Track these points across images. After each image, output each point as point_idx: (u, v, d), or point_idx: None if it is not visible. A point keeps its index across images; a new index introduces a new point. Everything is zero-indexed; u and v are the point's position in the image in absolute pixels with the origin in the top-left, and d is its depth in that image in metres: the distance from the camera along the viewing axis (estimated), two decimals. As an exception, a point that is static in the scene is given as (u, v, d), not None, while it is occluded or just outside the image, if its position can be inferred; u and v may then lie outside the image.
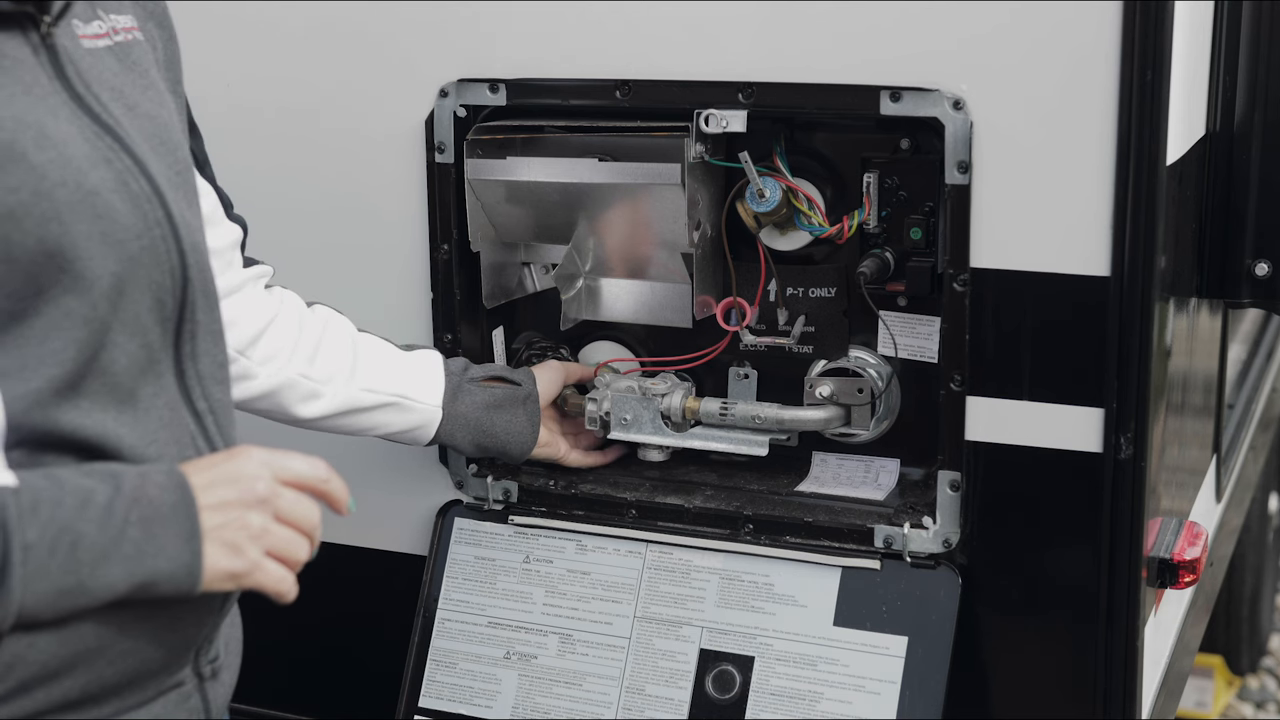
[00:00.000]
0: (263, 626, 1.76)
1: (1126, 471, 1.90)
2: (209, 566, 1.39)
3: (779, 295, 2.17)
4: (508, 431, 2.09)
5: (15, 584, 1.28)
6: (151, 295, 1.43)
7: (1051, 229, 1.87)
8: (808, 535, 2.08)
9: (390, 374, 2.02)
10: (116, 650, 1.42)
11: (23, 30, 1.40)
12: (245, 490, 1.41)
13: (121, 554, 1.34)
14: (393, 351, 2.05)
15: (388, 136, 2.17)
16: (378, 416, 2.01)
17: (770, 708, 2.04)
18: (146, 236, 1.42)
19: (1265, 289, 2.27)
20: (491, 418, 2.08)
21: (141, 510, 1.35)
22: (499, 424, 2.08)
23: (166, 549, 1.36)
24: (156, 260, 1.43)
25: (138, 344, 1.43)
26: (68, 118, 1.40)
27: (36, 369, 1.34)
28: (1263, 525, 4.33)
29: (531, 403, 2.11)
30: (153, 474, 1.38)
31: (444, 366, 2.07)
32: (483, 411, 2.07)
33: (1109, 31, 1.80)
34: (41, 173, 1.34)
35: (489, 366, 2.15)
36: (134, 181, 1.42)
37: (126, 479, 1.36)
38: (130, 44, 1.54)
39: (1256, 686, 4.54)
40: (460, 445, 2.09)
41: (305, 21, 2.18)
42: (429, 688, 2.21)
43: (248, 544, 1.41)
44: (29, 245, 1.32)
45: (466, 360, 2.12)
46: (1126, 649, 1.95)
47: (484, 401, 2.07)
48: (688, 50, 2.00)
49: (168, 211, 1.45)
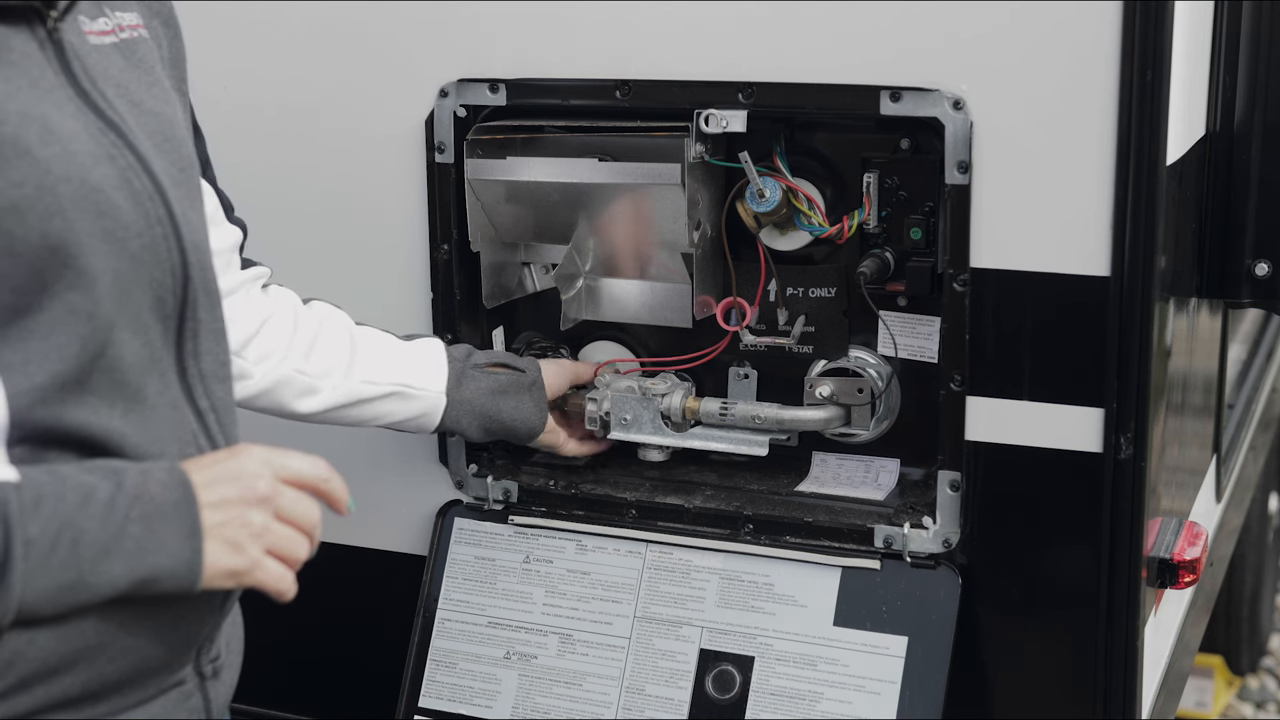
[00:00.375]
0: (263, 626, 1.76)
1: (1126, 471, 1.90)
2: (209, 564, 1.39)
3: (779, 295, 2.17)
4: (514, 416, 2.10)
5: (16, 579, 1.28)
6: (152, 293, 1.43)
7: (1051, 229, 1.87)
8: (808, 535, 2.08)
9: (391, 364, 2.02)
10: (117, 647, 1.42)
11: (29, 25, 1.40)
12: (246, 488, 1.41)
13: (123, 550, 1.34)
14: (393, 342, 2.05)
15: (388, 136, 2.17)
16: (381, 406, 2.01)
17: (770, 708, 2.04)
18: (148, 234, 1.42)
19: (1265, 289, 2.27)
20: (498, 403, 2.08)
21: (143, 507, 1.35)
22: (505, 409, 2.08)
23: (167, 546, 1.36)
24: (157, 258, 1.43)
25: (141, 341, 1.43)
26: (73, 113, 1.40)
27: (41, 364, 1.34)
28: (1263, 525, 4.33)
29: (538, 389, 2.12)
30: (154, 471, 1.38)
31: (447, 353, 2.07)
32: (488, 397, 2.07)
33: (1109, 31, 1.80)
34: (46, 167, 1.34)
35: (493, 353, 2.15)
36: (136, 179, 1.42)
37: (128, 475, 1.36)
38: (136, 41, 1.54)
39: (1256, 686, 4.54)
40: (467, 431, 2.09)
41: (305, 21, 2.18)
42: (429, 688, 2.21)
43: (248, 542, 1.41)
44: (32, 240, 1.32)
45: (470, 347, 2.12)
46: (1126, 649, 1.95)
47: (489, 387, 2.07)
48: (688, 50, 2.00)
49: (169, 210, 1.45)
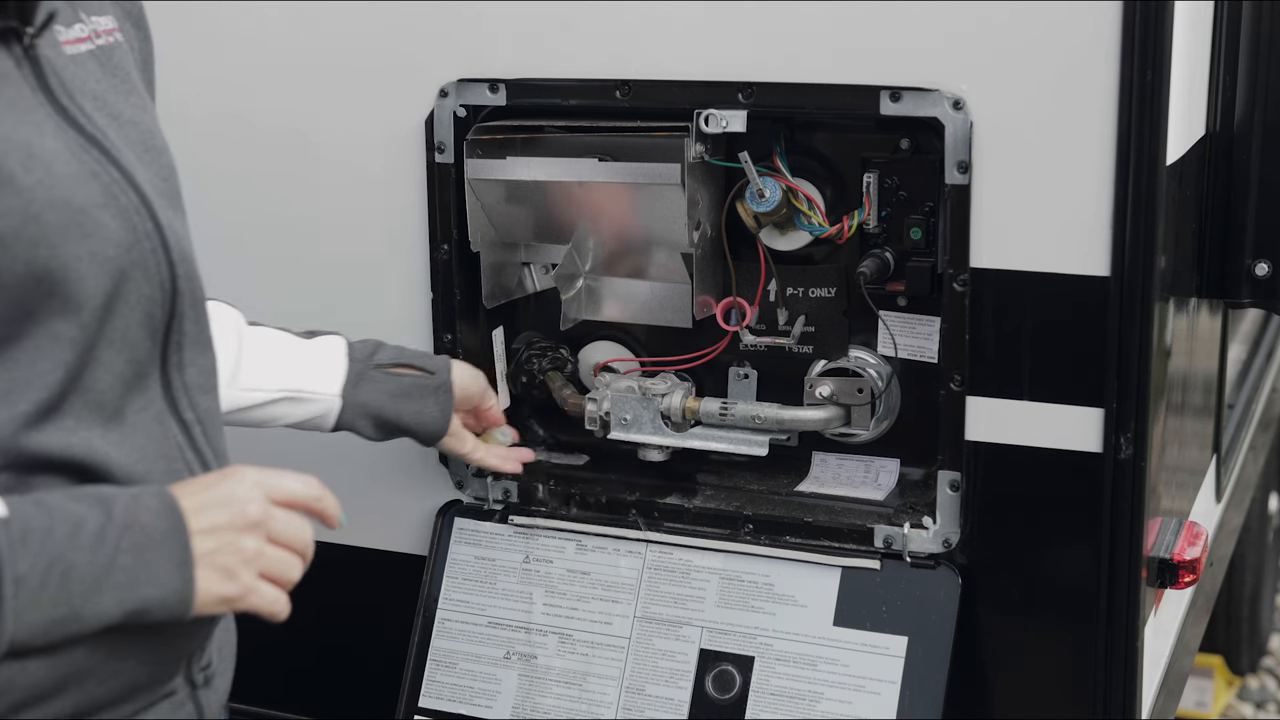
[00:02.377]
0: (263, 626, 1.76)
1: (1126, 471, 1.89)
2: (201, 592, 1.37)
3: (779, 295, 2.17)
4: (416, 420, 2.02)
5: (7, 617, 1.26)
6: (142, 309, 1.41)
7: (1051, 229, 1.87)
8: (808, 535, 2.08)
9: (281, 368, 1.95)
10: (108, 670, 1.41)
11: (5, 43, 1.37)
12: (238, 514, 1.39)
13: (113, 582, 1.32)
14: (288, 342, 1.97)
15: (388, 137, 2.17)
16: (271, 411, 1.95)
17: (770, 708, 2.04)
18: (136, 250, 1.40)
19: (1265, 289, 2.27)
20: (397, 406, 2.00)
21: (133, 537, 1.33)
22: (405, 412, 2.01)
23: (158, 576, 1.34)
24: (146, 274, 1.41)
25: (125, 359, 1.40)
26: (53, 132, 1.37)
27: (24, 392, 1.32)
28: (1263, 525, 4.33)
29: (444, 392, 2.03)
30: (144, 497, 1.36)
31: (348, 353, 1.99)
32: (387, 399, 1.99)
33: (1109, 31, 1.80)
34: (29, 195, 1.32)
35: (401, 351, 2.04)
36: (122, 194, 1.40)
37: (117, 504, 1.34)
38: (112, 47, 1.51)
39: (1256, 686, 4.54)
40: (363, 432, 2.02)
41: (306, 21, 2.18)
42: (429, 688, 2.21)
43: (241, 568, 1.39)
44: (17, 270, 1.30)
45: (378, 343, 2.03)
46: (1126, 649, 1.95)
47: (390, 389, 2.00)
48: (688, 50, 2.00)
49: (157, 223, 1.43)
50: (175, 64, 2.26)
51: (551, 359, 2.28)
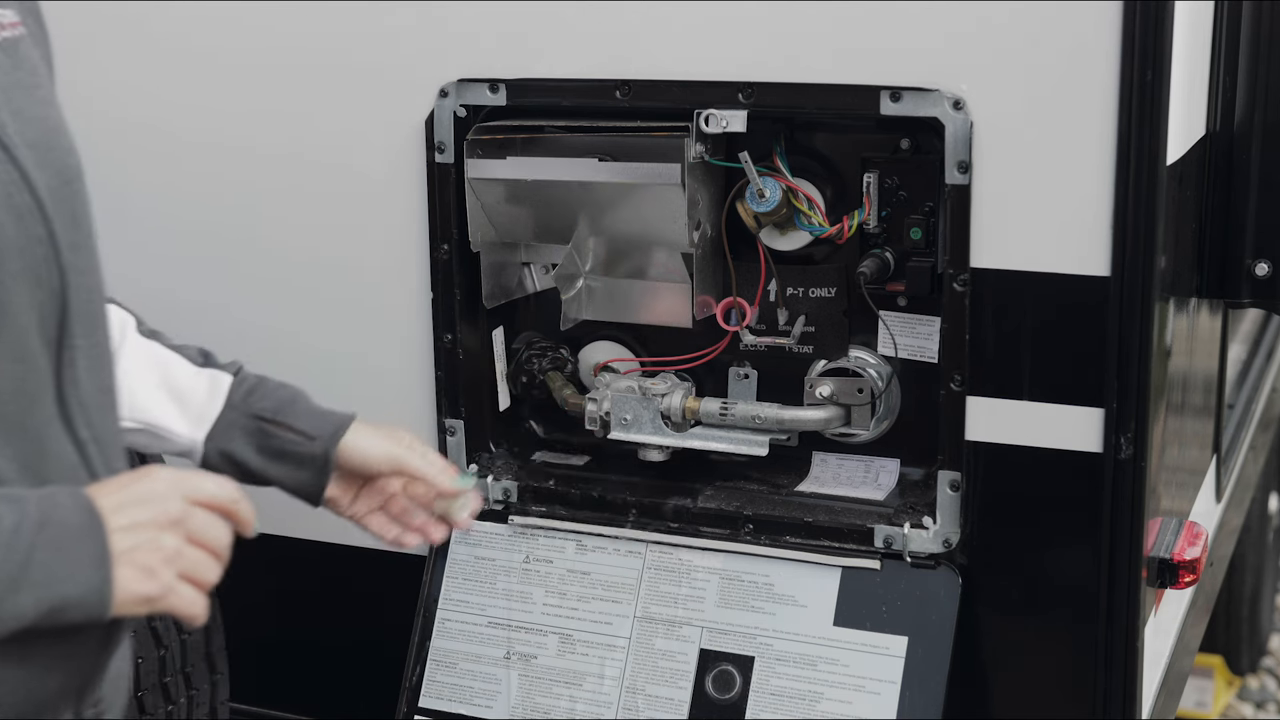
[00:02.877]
0: (263, 626, 1.76)
1: (1126, 471, 1.89)
2: (120, 590, 1.32)
3: (779, 295, 2.17)
4: (286, 483, 1.82)
5: None
6: (35, 314, 1.36)
7: (1051, 229, 1.87)
8: (808, 535, 2.08)
9: (148, 397, 1.77)
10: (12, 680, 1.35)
11: None
12: (158, 511, 1.35)
13: (30, 580, 1.28)
14: (168, 370, 1.79)
15: (388, 137, 2.17)
16: (130, 439, 1.75)
17: (770, 708, 2.04)
18: (29, 253, 1.35)
19: (1265, 289, 2.27)
20: (265, 465, 1.79)
21: (50, 534, 1.29)
22: (274, 472, 1.80)
23: (76, 574, 1.30)
24: (38, 279, 1.36)
25: (22, 368, 1.36)
26: None
27: None
28: (1263, 525, 4.33)
29: (321, 463, 1.80)
30: (59, 495, 1.32)
31: (228, 396, 1.79)
32: (254, 455, 1.79)
33: (1109, 31, 1.80)
34: None
35: (293, 402, 1.82)
36: (18, 194, 1.35)
37: (31, 502, 1.30)
38: (17, 40, 1.44)
39: (1256, 686, 4.53)
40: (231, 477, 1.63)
41: (306, 21, 2.18)
42: (429, 688, 2.21)
43: (160, 566, 1.34)
44: None
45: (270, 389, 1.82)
46: (1126, 649, 1.95)
47: (261, 445, 1.79)
48: (688, 50, 2.00)
49: (50, 229, 1.37)
50: (175, 64, 2.27)
51: (551, 359, 2.28)
